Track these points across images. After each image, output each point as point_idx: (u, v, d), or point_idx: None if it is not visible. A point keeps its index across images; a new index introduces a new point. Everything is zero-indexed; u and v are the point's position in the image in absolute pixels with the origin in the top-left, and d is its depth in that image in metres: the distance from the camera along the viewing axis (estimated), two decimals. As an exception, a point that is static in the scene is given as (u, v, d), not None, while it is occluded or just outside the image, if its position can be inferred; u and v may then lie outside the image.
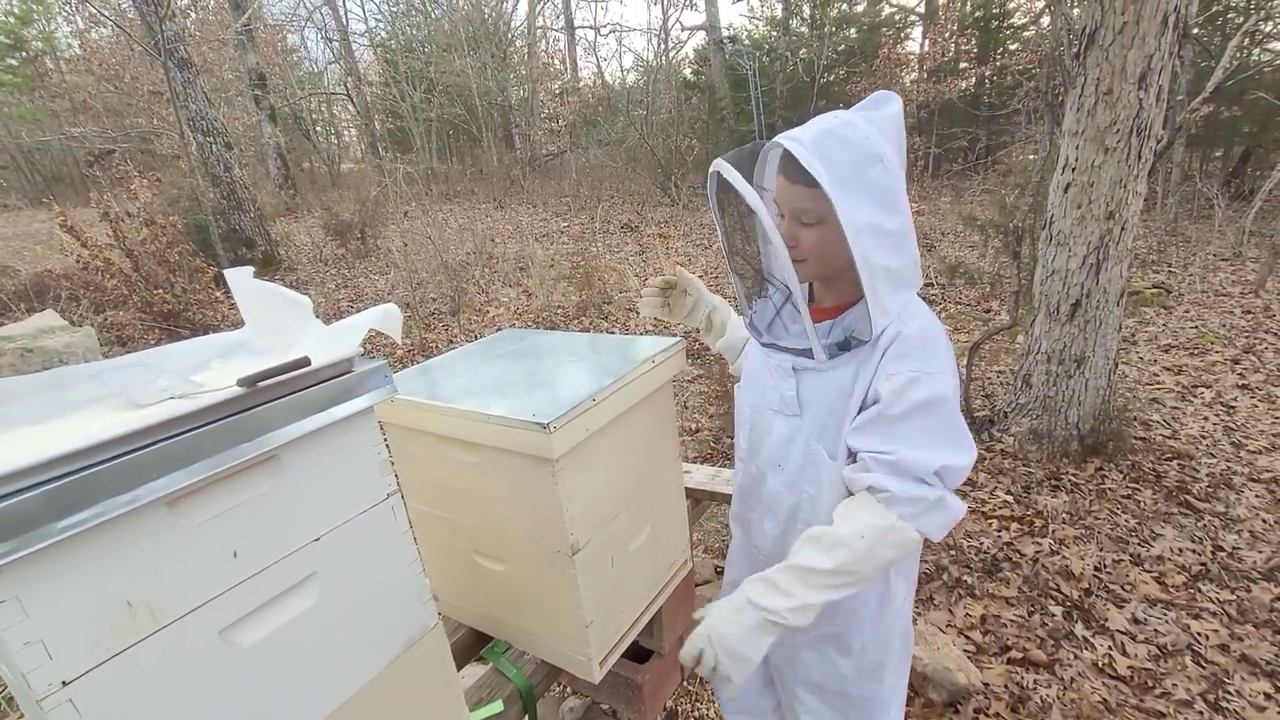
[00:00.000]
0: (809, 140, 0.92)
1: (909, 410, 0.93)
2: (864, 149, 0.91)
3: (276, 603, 0.81)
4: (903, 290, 0.97)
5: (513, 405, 1.12)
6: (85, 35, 13.19)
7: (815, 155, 0.90)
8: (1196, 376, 3.82)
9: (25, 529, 0.60)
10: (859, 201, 0.91)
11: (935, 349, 0.96)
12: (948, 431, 0.94)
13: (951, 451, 0.93)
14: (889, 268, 0.94)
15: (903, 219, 0.94)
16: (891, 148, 0.93)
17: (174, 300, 5.08)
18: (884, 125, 0.94)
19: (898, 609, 1.14)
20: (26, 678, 0.62)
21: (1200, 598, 2.18)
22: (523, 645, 1.40)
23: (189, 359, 0.90)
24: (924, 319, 0.99)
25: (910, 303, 1.00)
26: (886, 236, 0.93)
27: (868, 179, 0.91)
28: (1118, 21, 2.44)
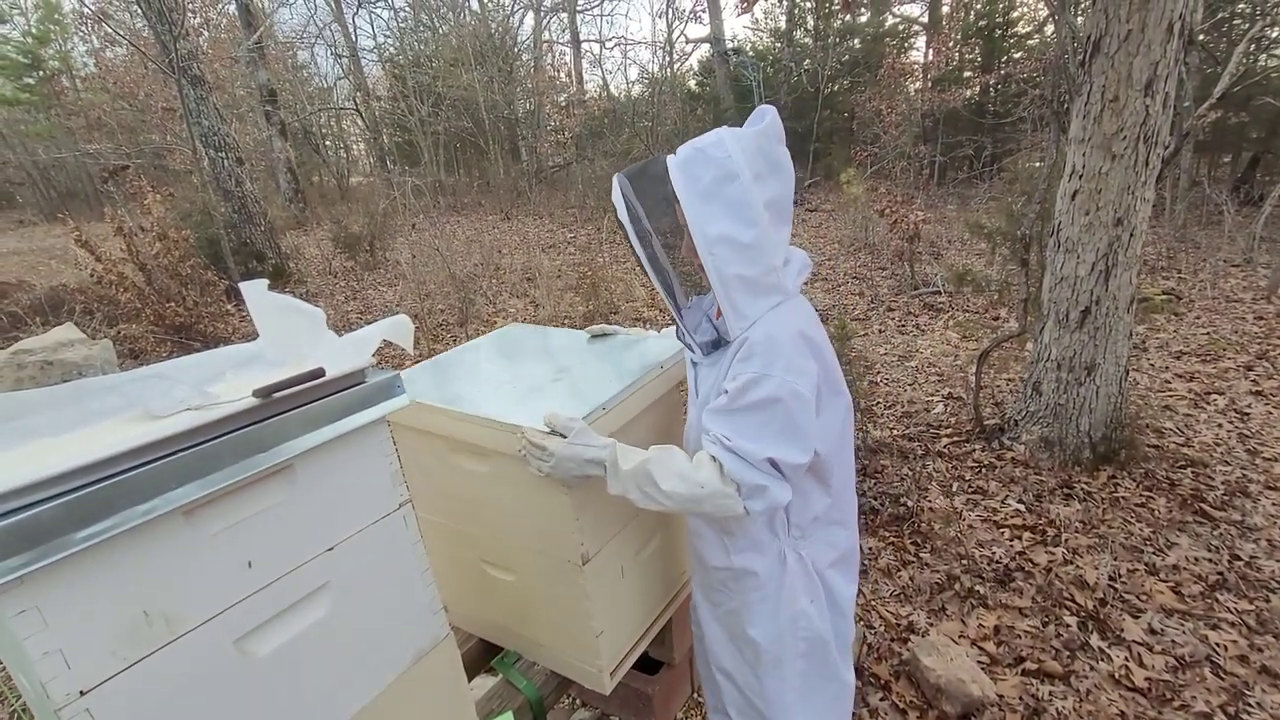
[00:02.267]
0: (680, 158, 1.04)
1: (747, 406, 1.03)
2: (725, 167, 1.00)
3: (290, 613, 0.81)
4: (761, 297, 1.06)
5: (526, 413, 1.13)
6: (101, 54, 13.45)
7: (681, 171, 1.03)
8: (1209, 383, 3.78)
9: (44, 540, 0.61)
10: (714, 214, 1.01)
11: (777, 355, 1.02)
12: (781, 428, 1.03)
13: (783, 446, 1.03)
14: (743, 276, 1.04)
15: (757, 231, 1.02)
16: (751, 164, 1.00)
17: (186, 313, 5.13)
18: (746, 143, 1.01)
19: (799, 613, 1.22)
20: (45, 687, 0.62)
21: (1218, 608, 2.15)
22: (533, 656, 1.40)
23: (204, 370, 0.91)
24: (774, 327, 1.05)
25: (776, 308, 1.08)
26: (740, 249, 1.02)
27: (725, 195, 1.00)
28: (1122, 29, 2.44)
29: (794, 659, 1.24)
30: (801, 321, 1.09)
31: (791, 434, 1.03)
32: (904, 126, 10.22)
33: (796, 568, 1.21)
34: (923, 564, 2.48)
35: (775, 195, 1.04)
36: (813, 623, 1.22)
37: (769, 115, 1.04)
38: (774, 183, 1.04)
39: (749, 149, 1.01)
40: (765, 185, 1.02)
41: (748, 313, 1.06)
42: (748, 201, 1.00)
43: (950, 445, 3.32)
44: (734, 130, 1.04)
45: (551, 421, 1.06)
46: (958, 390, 3.94)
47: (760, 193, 1.01)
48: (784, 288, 1.08)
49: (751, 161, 1.01)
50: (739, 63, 13.69)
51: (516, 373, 1.38)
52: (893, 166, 9.89)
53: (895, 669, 2.02)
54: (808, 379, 1.04)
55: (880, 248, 7.52)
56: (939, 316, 5.46)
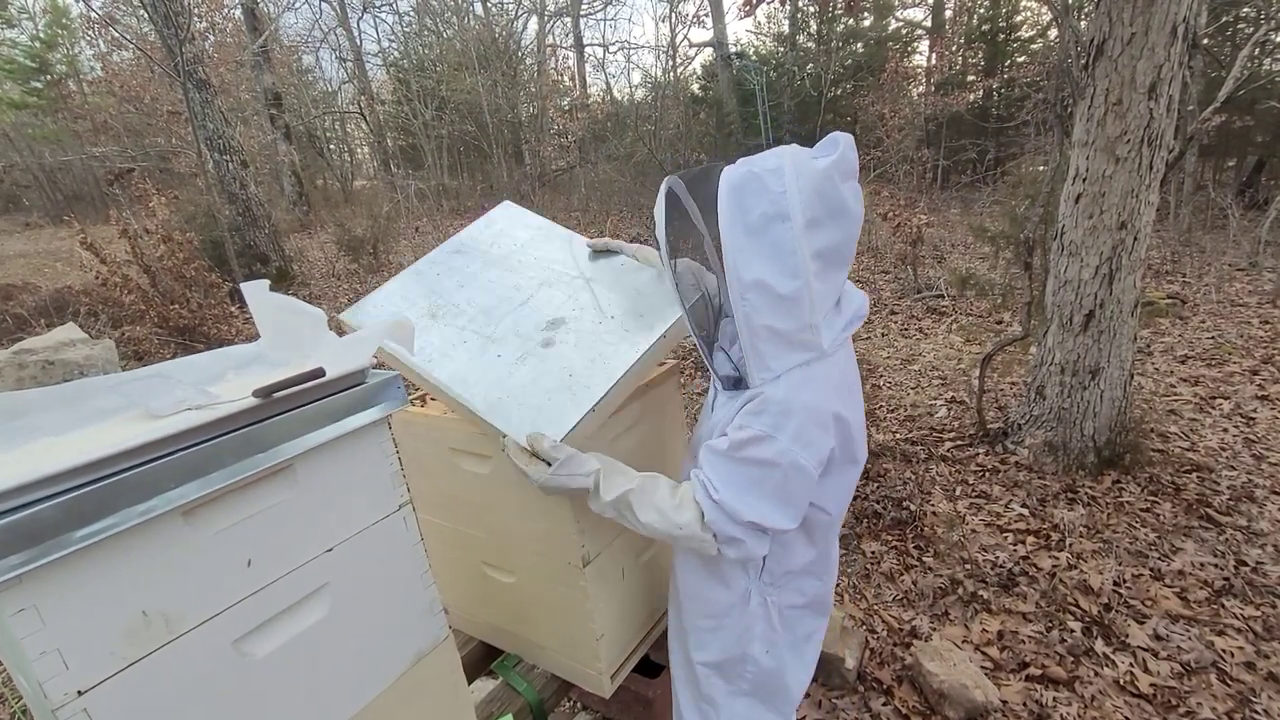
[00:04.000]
0: (734, 180, 0.92)
1: (744, 460, 0.96)
2: (778, 204, 0.88)
3: (289, 614, 0.81)
4: (791, 352, 0.96)
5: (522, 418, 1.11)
6: (107, 58, 13.56)
7: (731, 198, 0.91)
8: (1214, 388, 3.76)
9: (43, 539, 0.61)
10: (755, 255, 0.90)
11: (788, 421, 0.94)
12: (773, 492, 0.96)
13: (770, 510, 0.97)
14: (773, 328, 0.93)
15: (798, 284, 0.91)
16: (806, 207, 0.88)
17: (190, 315, 5.14)
18: (806, 180, 0.88)
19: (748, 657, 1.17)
20: (43, 686, 0.62)
21: (1224, 613, 2.13)
22: (533, 659, 1.39)
23: (206, 371, 0.91)
24: (795, 391, 0.96)
25: (805, 367, 0.97)
26: (776, 300, 0.91)
27: (771, 236, 0.89)
28: (1126, 32, 2.44)
29: (736, 694, 1.20)
30: (828, 391, 0.98)
31: (782, 500, 0.97)
32: (907, 130, 10.22)
33: (759, 611, 1.14)
34: (925, 568, 2.47)
35: (830, 243, 0.91)
36: (761, 667, 1.17)
37: (841, 145, 0.91)
38: (831, 230, 0.91)
39: (807, 189, 0.88)
40: (819, 233, 0.90)
41: (773, 365, 0.96)
42: (794, 249, 0.89)
43: (953, 449, 3.31)
44: (798, 158, 0.90)
45: (535, 444, 1.01)
46: (961, 394, 3.93)
47: (811, 241, 0.89)
48: (818, 345, 0.96)
49: (808, 205, 0.88)
50: (742, 67, 13.71)
51: (506, 321, 1.24)
52: (896, 170, 9.89)
53: (898, 674, 2.01)
54: (814, 453, 0.96)
55: (883, 251, 7.51)
56: (942, 320, 5.44)
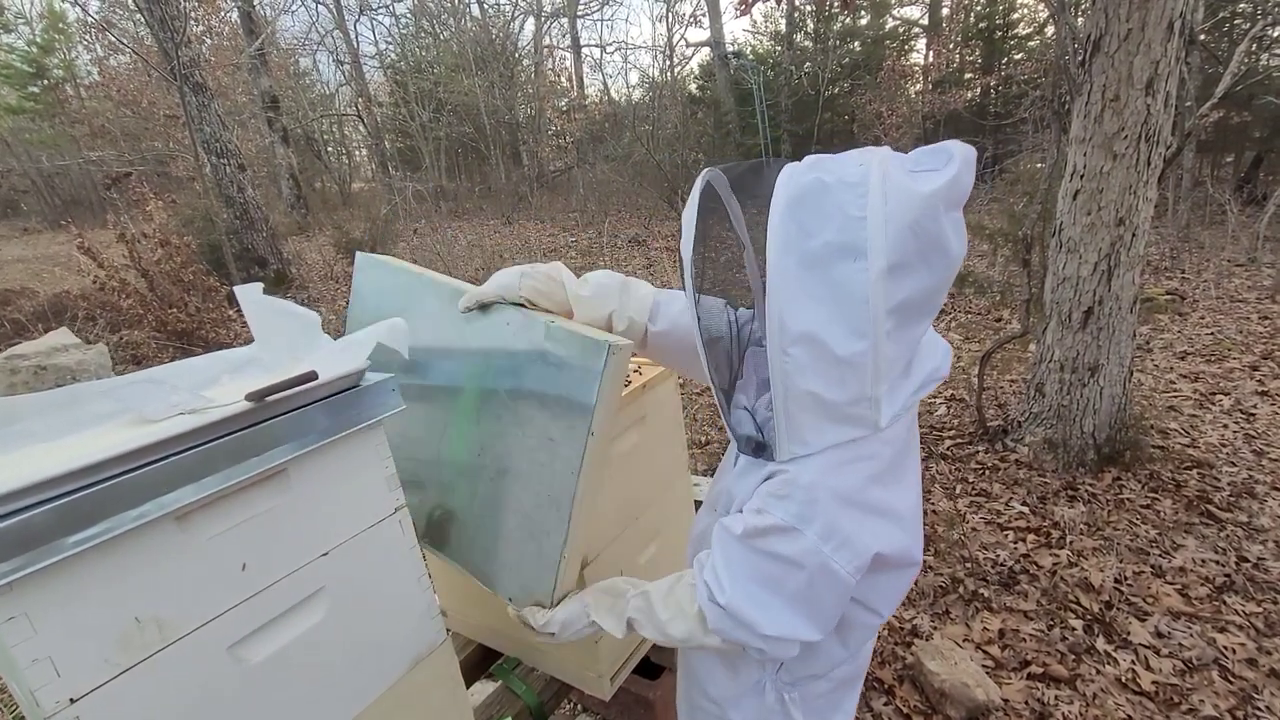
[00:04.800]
0: (799, 188, 0.68)
1: (762, 553, 0.77)
2: (851, 232, 0.66)
3: (285, 618, 0.81)
4: (836, 427, 0.74)
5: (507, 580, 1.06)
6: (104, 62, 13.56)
7: (788, 211, 0.68)
8: (1214, 384, 3.76)
9: (34, 545, 0.60)
10: (808, 296, 0.68)
11: (816, 513, 0.74)
12: (794, 596, 0.77)
13: (792, 619, 0.78)
14: (819, 397, 0.71)
15: (863, 346, 0.68)
16: (893, 247, 0.65)
17: (188, 319, 5.14)
18: (899, 209, 0.64)
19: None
20: (34, 695, 0.61)
21: (1225, 610, 2.13)
22: (532, 662, 1.39)
23: (200, 375, 0.91)
24: (829, 474, 0.75)
25: (850, 446, 0.75)
26: (830, 362, 0.69)
27: (836, 275, 0.67)
28: (1122, 28, 2.44)
29: None
30: (874, 478, 0.77)
31: (807, 607, 0.78)
32: (905, 128, 10.22)
33: (774, 705, 0.95)
34: (926, 567, 2.46)
35: (917, 293, 0.69)
36: None
37: (957, 163, 0.66)
38: (921, 276, 0.68)
39: (899, 220, 0.64)
40: (904, 280, 0.67)
41: (809, 439, 0.74)
42: (865, 298, 0.66)
43: (953, 447, 3.30)
44: (892, 171, 0.66)
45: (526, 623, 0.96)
46: (960, 392, 3.93)
47: (891, 292, 0.67)
48: (873, 422, 0.74)
49: (897, 242, 0.65)
50: (739, 66, 13.71)
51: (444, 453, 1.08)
52: (894, 169, 9.88)
53: (899, 673, 2.01)
54: (850, 556, 0.75)
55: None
56: (941, 318, 5.44)
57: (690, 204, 0.77)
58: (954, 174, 0.66)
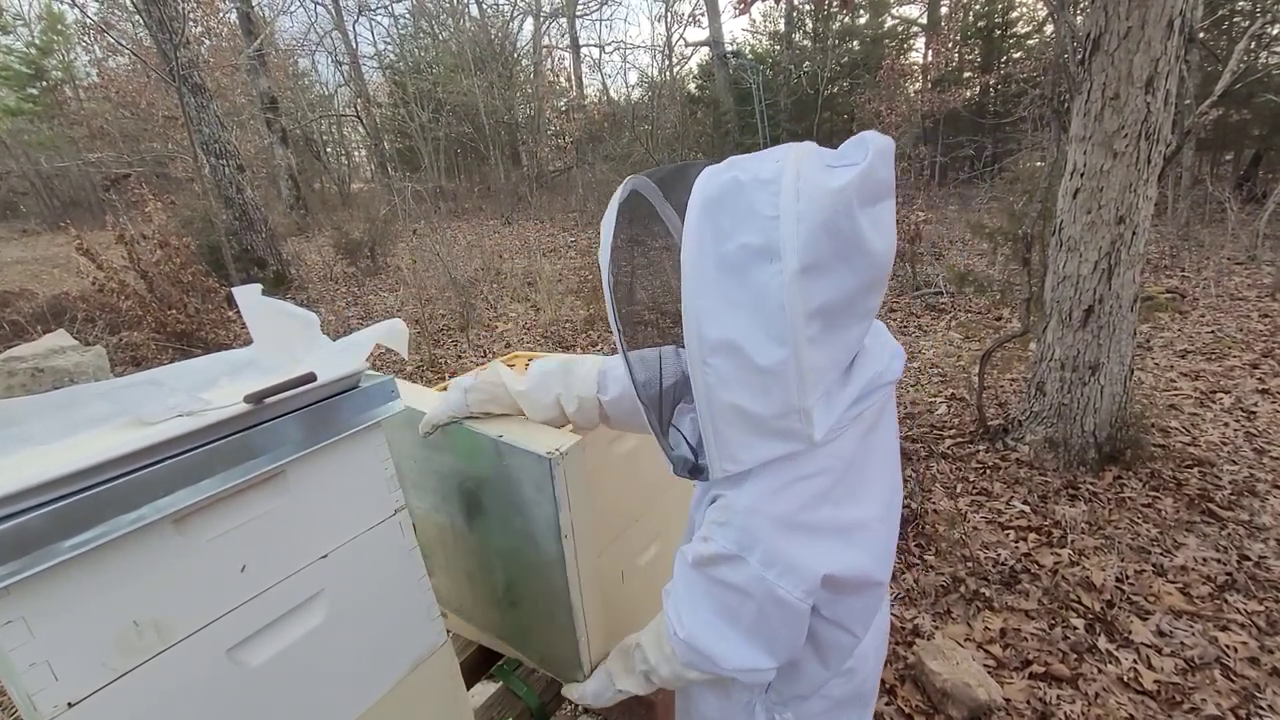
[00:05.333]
0: (715, 189, 0.65)
1: (714, 581, 0.75)
2: (766, 233, 0.62)
3: (284, 621, 0.80)
4: (767, 442, 0.69)
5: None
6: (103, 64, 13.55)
7: (703, 217, 0.64)
8: (1215, 382, 3.75)
9: (31, 549, 0.60)
10: (724, 302, 0.64)
11: (755, 540, 0.70)
12: (753, 626, 0.74)
13: (750, 651, 0.75)
14: (743, 409, 0.67)
15: (784, 354, 0.64)
16: (806, 247, 0.61)
17: (187, 320, 5.13)
18: (811, 207, 0.61)
19: None
20: (32, 699, 0.61)
21: (1227, 609, 2.13)
22: (534, 663, 1.38)
23: (198, 376, 0.90)
24: (766, 498, 0.71)
25: (789, 464, 0.70)
26: (751, 371, 0.65)
27: (753, 280, 0.63)
28: (1122, 27, 2.43)
29: None
30: (817, 498, 0.72)
31: (763, 637, 0.75)
32: (904, 127, 10.21)
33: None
34: (927, 566, 2.46)
35: (838, 296, 0.64)
36: None
37: (870, 153, 0.63)
38: (841, 277, 0.64)
39: (810, 218, 0.61)
40: (821, 282, 0.63)
41: (740, 456, 0.70)
42: (781, 304, 0.62)
43: (954, 446, 3.30)
44: (806, 166, 0.63)
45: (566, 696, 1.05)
46: (961, 391, 3.92)
47: (808, 295, 0.63)
48: (805, 436, 0.69)
49: (809, 242, 0.61)
50: (738, 65, 13.71)
51: None
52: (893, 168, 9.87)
53: (900, 673, 2.00)
54: (797, 581, 0.70)
55: (881, 249, 7.49)
56: (941, 317, 5.43)
57: (608, 213, 0.71)
58: (866, 167, 0.62)
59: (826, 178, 0.62)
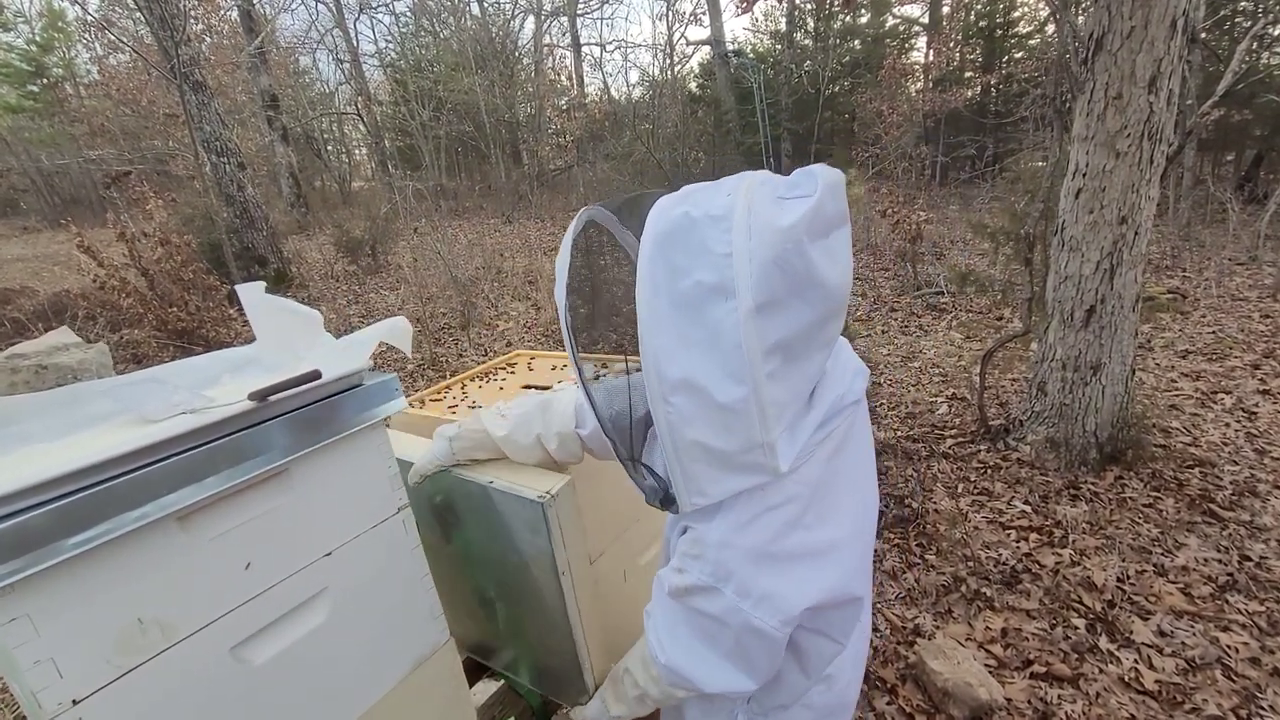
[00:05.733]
0: (666, 225, 0.64)
1: (692, 610, 0.76)
2: (720, 271, 0.61)
3: (287, 619, 0.80)
4: (734, 476, 0.69)
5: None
6: (104, 61, 13.54)
7: (656, 254, 0.64)
8: (1216, 382, 3.75)
9: (35, 546, 0.60)
10: (682, 341, 0.64)
11: (730, 572, 0.71)
12: (730, 652, 0.75)
13: (732, 675, 0.76)
14: (706, 446, 0.67)
15: (743, 392, 0.63)
16: (760, 286, 0.61)
17: (188, 318, 5.13)
18: (762, 245, 0.60)
19: None
20: (36, 696, 0.61)
21: (1228, 609, 2.13)
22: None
23: (200, 374, 0.90)
24: (737, 531, 0.71)
25: (759, 494, 0.71)
26: (712, 409, 0.65)
27: (709, 317, 0.63)
28: (1125, 26, 2.43)
29: None
30: (787, 526, 0.72)
31: (742, 662, 0.76)
32: (905, 127, 10.20)
33: None
34: (928, 566, 2.46)
35: (795, 330, 0.64)
36: None
37: (819, 189, 0.62)
38: (798, 311, 0.64)
39: (761, 256, 0.60)
40: (777, 319, 0.63)
41: (708, 490, 0.70)
42: (738, 342, 0.62)
43: (955, 446, 3.30)
44: (757, 202, 0.62)
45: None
46: (962, 391, 3.92)
47: (764, 332, 0.62)
48: (770, 469, 0.68)
49: (762, 279, 0.61)
50: (740, 64, 13.70)
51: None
52: (894, 167, 9.87)
53: (901, 673, 2.00)
54: (773, 611, 0.71)
55: (882, 248, 7.51)
56: (942, 317, 5.43)
57: (563, 248, 0.72)
58: (815, 203, 0.61)
59: (777, 214, 0.61)
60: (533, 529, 0.98)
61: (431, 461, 1.06)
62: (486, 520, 1.06)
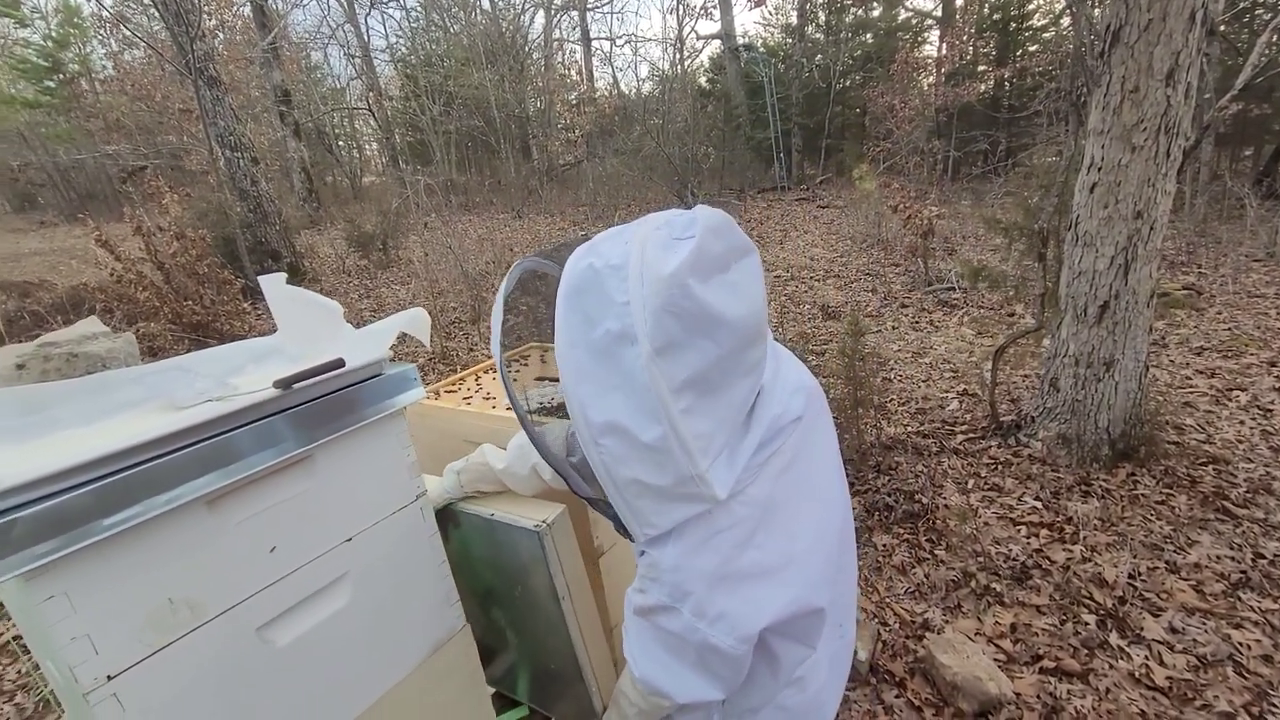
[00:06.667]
0: (575, 277, 0.67)
1: (656, 627, 0.77)
2: (622, 318, 0.64)
3: (310, 602, 0.82)
4: (676, 506, 0.71)
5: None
6: (119, 57, 13.67)
7: (569, 306, 0.67)
8: (1231, 380, 3.71)
9: (73, 526, 0.62)
10: (601, 389, 0.67)
11: (685, 593, 0.73)
12: (696, 664, 0.77)
13: (700, 684, 0.78)
14: (643, 483, 0.69)
15: (662, 430, 0.65)
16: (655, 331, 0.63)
17: (203, 311, 5.19)
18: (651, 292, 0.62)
19: None
20: (74, 671, 0.63)
21: (1241, 607, 2.11)
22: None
23: (225, 363, 0.92)
24: (689, 555, 0.73)
25: (704, 520, 0.72)
26: (639, 449, 0.67)
27: (624, 364, 0.65)
28: (1143, 18, 2.40)
29: None
30: (738, 546, 0.73)
31: (708, 674, 0.78)
32: (917, 121, 10.12)
33: None
34: (938, 561, 2.46)
35: (701, 368, 0.66)
36: None
37: (698, 230, 0.65)
38: (703, 349, 0.65)
39: (654, 307, 0.62)
40: (683, 359, 0.65)
41: (655, 521, 0.72)
42: (644, 385, 0.64)
43: (965, 442, 3.29)
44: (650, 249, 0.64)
45: None
46: (973, 387, 3.90)
47: (669, 372, 0.64)
48: (708, 498, 0.70)
49: (657, 328, 0.63)
50: (750, 59, 13.63)
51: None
52: (906, 162, 9.81)
53: (910, 666, 2.01)
54: (728, 629, 0.73)
55: (893, 244, 7.46)
56: (953, 313, 5.40)
57: (496, 305, 0.76)
58: (695, 246, 0.63)
59: (664, 261, 0.63)
60: (532, 557, 1.03)
61: (441, 495, 1.12)
62: (490, 550, 1.11)
